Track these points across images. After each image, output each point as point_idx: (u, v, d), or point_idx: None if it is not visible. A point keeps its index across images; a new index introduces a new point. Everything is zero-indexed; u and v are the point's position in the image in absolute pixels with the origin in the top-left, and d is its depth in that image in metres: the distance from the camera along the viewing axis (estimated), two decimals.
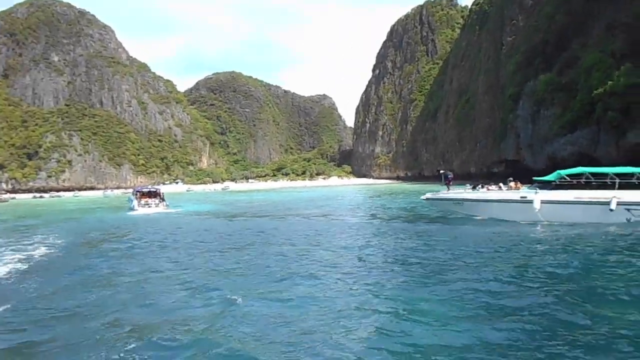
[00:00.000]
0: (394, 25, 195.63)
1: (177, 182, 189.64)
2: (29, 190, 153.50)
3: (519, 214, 19.00)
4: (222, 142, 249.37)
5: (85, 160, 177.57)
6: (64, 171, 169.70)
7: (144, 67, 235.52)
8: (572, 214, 17.78)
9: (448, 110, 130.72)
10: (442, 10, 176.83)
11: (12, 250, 18.76)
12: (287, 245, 16.25)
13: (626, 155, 45.50)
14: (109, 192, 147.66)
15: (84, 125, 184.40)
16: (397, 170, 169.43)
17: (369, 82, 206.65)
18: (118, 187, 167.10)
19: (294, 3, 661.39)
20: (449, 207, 22.65)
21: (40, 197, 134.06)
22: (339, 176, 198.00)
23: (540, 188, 19.38)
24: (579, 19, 59.66)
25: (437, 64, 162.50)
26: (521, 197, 19.24)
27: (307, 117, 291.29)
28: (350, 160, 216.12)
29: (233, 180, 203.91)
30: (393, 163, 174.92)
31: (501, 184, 22.14)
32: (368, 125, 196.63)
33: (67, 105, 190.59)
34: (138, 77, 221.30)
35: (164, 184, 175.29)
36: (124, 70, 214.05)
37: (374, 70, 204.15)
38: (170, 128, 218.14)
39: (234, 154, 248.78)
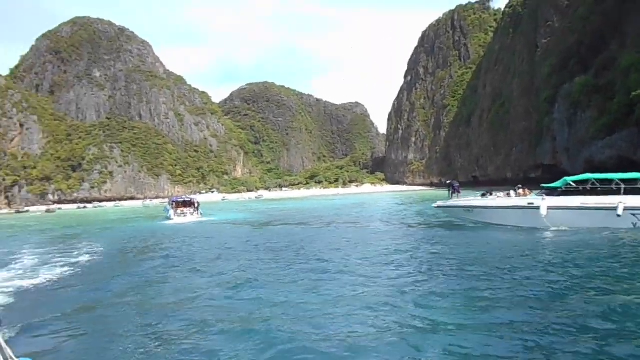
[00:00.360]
0: (425, 31, 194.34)
1: (212, 192, 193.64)
2: (73, 201, 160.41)
3: (527, 220, 19.38)
4: (256, 152, 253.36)
5: (126, 172, 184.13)
6: (105, 182, 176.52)
7: (180, 80, 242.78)
8: (578, 219, 18.09)
9: (482, 115, 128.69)
10: (475, 14, 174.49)
11: (59, 257, 20.17)
12: (312, 252, 16.81)
13: None
14: (148, 202, 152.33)
15: (124, 137, 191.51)
16: (431, 176, 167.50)
17: (401, 88, 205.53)
18: (157, 197, 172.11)
19: (325, 10, 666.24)
20: (460, 214, 23.11)
21: (84, 207, 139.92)
22: (372, 183, 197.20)
23: (547, 195, 19.69)
24: (614, 19, 58.08)
25: (470, 68, 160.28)
26: (528, 204, 19.73)
27: (340, 125, 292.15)
28: (383, 167, 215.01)
29: (267, 189, 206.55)
30: (427, 169, 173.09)
31: (511, 191, 22.26)
32: (401, 131, 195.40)
33: (108, 119, 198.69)
34: (175, 90, 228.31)
35: (200, 193, 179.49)
36: (162, 84, 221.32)
37: (405, 77, 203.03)
38: (205, 139, 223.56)
39: (268, 162, 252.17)
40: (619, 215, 17.19)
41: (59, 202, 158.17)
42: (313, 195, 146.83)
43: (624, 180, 18.10)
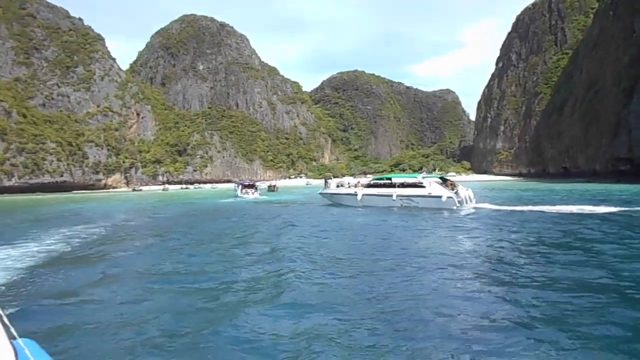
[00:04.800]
0: (519, 15, 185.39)
1: (300, 177, 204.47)
2: (179, 182, 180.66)
3: (353, 202, 32.94)
4: (343, 139, 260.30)
5: (224, 157, 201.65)
6: (206, 166, 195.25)
7: (273, 71, 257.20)
8: (374, 201, 31.82)
9: (575, 104, 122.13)
10: None
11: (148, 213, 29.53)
12: (285, 220, 22.73)
13: None
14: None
15: (223, 125, 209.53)
16: (519, 166, 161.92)
17: (492, 75, 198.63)
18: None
19: None
20: (328, 199, 36.47)
21: (187, 187, 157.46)
22: (456, 172, 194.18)
23: (365, 187, 33.59)
24: None
25: (567, 53, 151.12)
26: (354, 192, 33.25)
27: (429, 113, 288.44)
28: (470, 157, 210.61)
29: (352, 175, 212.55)
30: (515, 159, 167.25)
31: (352, 183, 37.00)
32: (490, 120, 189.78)
33: (209, 108, 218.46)
34: (268, 80, 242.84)
35: (289, 178, 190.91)
36: (256, 75, 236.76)
37: (497, 63, 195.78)
38: (295, 126, 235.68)
39: (355, 150, 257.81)
40: (394, 200, 30.37)
41: (167, 182, 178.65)
42: None
43: (398, 179, 32.46)
